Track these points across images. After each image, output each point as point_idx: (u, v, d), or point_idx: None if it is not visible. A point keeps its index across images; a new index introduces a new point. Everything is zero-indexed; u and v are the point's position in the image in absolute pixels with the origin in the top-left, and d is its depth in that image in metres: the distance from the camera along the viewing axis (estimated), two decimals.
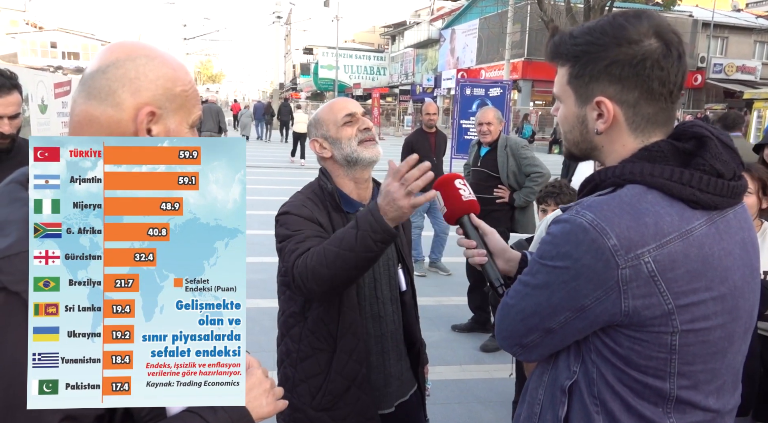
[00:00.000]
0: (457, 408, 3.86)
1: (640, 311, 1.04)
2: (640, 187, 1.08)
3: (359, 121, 1.93)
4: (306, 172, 15.36)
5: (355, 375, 1.87)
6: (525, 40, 30.65)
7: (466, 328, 5.28)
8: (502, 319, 1.24)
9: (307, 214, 1.84)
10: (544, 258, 1.13)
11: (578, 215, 1.08)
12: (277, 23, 45.59)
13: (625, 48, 1.10)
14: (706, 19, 31.93)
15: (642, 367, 1.08)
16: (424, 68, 45.78)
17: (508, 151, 5.00)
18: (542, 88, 31.92)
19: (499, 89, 11.85)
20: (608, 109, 1.14)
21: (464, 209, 1.49)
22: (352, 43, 59.95)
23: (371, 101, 36.08)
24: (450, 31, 40.10)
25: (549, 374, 1.24)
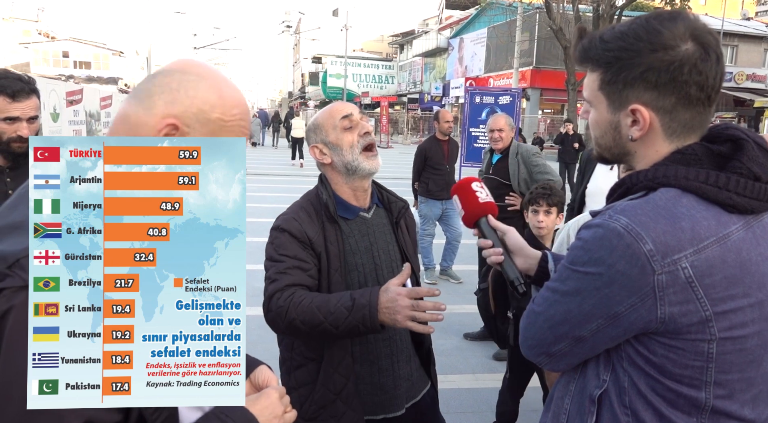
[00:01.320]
0: (471, 417, 3.83)
1: (676, 318, 1.01)
2: (675, 190, 1.05)
3: (358, 125, 1.91)
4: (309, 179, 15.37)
5: (340, 388, 1.85)
6: (533, 48, 30.69)
7: (478, 336, 5.25)
8: (528, 326, 1.21)
9: (296, 230, 1.84)
10: (575, 264, 1.10)
11: (612, 220, 1.05)
12: (286, 32, 45.89)
13: (661, 54, 1.06)
14: (716, 28, 31.77)
15: (677, 375, 1.05)
16: (432, 77, 45.88)
17: (519, 159, 4.98)
18: (551, 97, 31.92)
19: (508, 97, 11.85)
20: (644, 118, 1.10)
21: (482, 211, 1.50)
22: (361, 52, 60.19)
23: (380, 109, 36.19)
24: (458, 40, 40.18)
25: (576, 383, 1.20)
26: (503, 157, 5.10)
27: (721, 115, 27.62)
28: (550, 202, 3.17)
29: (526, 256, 1.46)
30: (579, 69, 1.23)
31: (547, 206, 3.17)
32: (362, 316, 1.58)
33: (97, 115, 20.03)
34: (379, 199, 2.04)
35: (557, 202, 3.20)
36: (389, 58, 58.84)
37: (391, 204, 2.05)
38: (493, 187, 5.11)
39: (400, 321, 1.54)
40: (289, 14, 49.55)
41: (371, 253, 1.95)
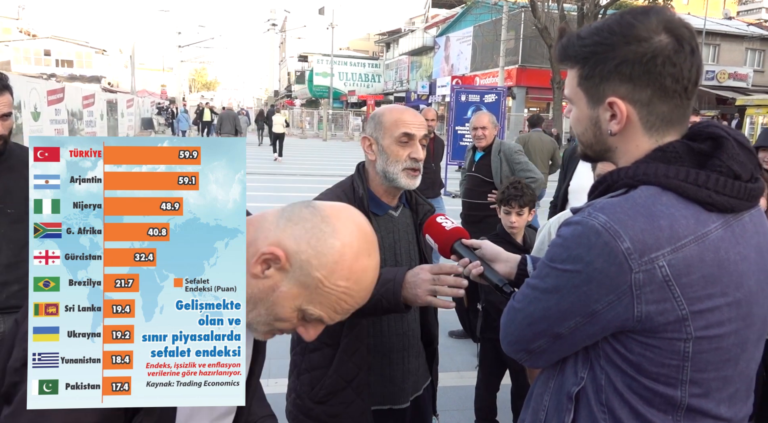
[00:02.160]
0: (456, 414, 3.84)
1: (653, 317, 1.01)
2: (655, 188, 1.05)
3: (414, 146, 1.92)
4: (290, 178, 15.36)
5: (352, 377, 1.89)
6: (519, 47, 30.83)
7: (462, 334, 5.25)
8: (509, 323, 1.20)
9: None
10: (554, 261, 1.10)
11: (591, 217, 1.04)
12: (272, 31, 45.69)
13: (635, 46, 1.06)
14: (698, 27, 32.14)
15: (653, 374, 1.05)
16: (418, 75, 45.92)
17: (502, 156, 4.98)
18: (536, 95, 32.08)
19: (494, 96, 11.91)
20: (621, 110, 1.10)
21: (452, 237, 1.55)
22: (347, 51, 60.09)
23: (366, 108, 36.17)
24: (444, 39, 40.26)
25: (555, 380, 1.20)
26: (486, 155, 5.10)
27: (705, 114, 27.95)
28: (522, 204, 3.23)
29: (505, 261, 1.48)
30: (561, 68, 1.24)
31: (518, 208, 3.23)
32: (386, 290, 1.59)
33: (80, 114, 19.79)
34: (407, 200, 2.10)
35: (528, 201, 3.25)
36: (376, 56, 58.82)
37: (418, 206, 2.11)
38: (476, 184, 5.12)
39: (420, 295, 1.55)
40: (275, 12, 49.43)
41: (394, 250, 2.01)
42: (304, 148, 27.03)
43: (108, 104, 24.26)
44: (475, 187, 5.11)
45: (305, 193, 12.49)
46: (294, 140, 33.44)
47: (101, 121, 22.40)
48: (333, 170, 17.48)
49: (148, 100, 38.32)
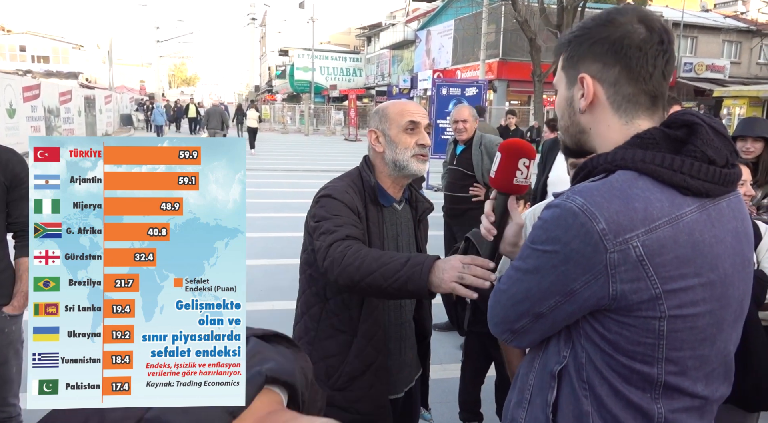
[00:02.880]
0: (439, 407, 3.87)
1: (627, 295, 1.05)
2: (631, 173, 1.09)
3: (420, 134, 1.99)
4: (267, 173, 15.29)
5: (372, 361, 1.94)
6: (500, 40, 30.89)
7: (445, 326, 5.25)
8: (494, 304, 1.25)
9: (348, 201, 1.91)
10: (534, 243, 1.14)
11: (568, 200, 1.08)
12: (251, 25, 45.30)
13: (609, 28, 1.14)
14: (676, 19, 32.53)
15: (630, 352, 1.09)
16: (400, 69, 45.87)
17: (483, 149, 4.97)
18: (517, 88, 32.21)
19: (475, 89, 11.95)
20: (588, 85, 1.16)
21: (509, 189, 1.50)
22: (328, 45, 59.80)
23: (348, 102, 36.06)
24: (425, 32, 40.22)
25: (540, 360, 1.25)
26: (467, 148, 5.09)
27: (684, 105, 28.29)
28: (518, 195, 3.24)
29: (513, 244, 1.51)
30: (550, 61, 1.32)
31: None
32: (413, 273, 1.60)
33: (57, 110, 19.49)
34: (409, 196, 2.15)
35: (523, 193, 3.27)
36: (357, 50, 58.60)
37: (418, 203, 2.17)
38: (457, 178, 5.11)
39: (446, 280, 1.57)
40: (255, 6, 49.04)
41: (396, 242, 2.06)
42: (286, 144, 26.91)
43: (86, 100, 23.91)
44: (456, 180, 5.11)
45: (287, 188, 12.44)
46: (275, 135, 33.27)
47: (79, 118, 22.07)
48: (316, 165, 17.43)
49: (126, 97, 37.86)
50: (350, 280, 1.67)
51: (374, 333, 1.92)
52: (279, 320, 4.96)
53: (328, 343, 1.95)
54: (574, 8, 22.00)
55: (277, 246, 7.60)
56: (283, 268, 6.54)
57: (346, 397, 1.93)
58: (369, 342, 1.92)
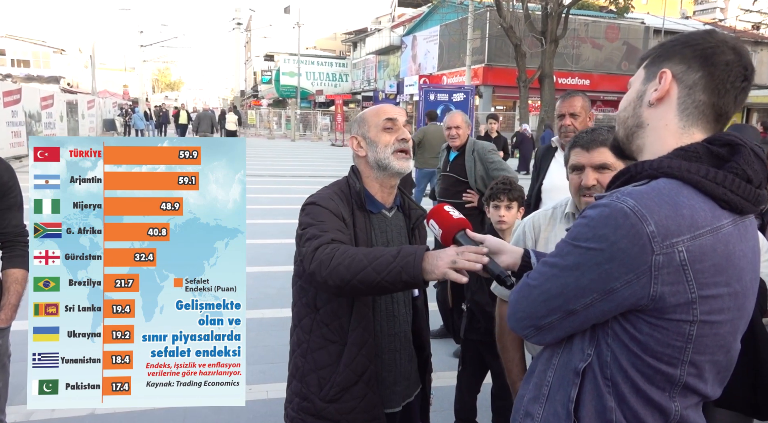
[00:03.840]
0: (434, 416, 3.82)
1: (666, 297, 1.10)
2: (676, 182, 1.14)
3: (399, 130, 2.01)
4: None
5: (363, 370, 1.91)
6: (485, 46, 31.10)
7: (438, 334, 5.22)
8: (520, 299, 1.28)
9: (333, 208, 1.89)
10: (578, 239, 1.17)
11: (619, 201, 1.12)
12: (237, 30, 45.18)
13: (707, 39, 1.21)
14: (657, 26, 32.97)
15: (658, 353, 1.14)
16: (386, 75, 45.95)
17: (476, 156, 4.99)
18: (503, 94, 32.41)
19: (462, 94, 12.03)
20: (666, 79, 1.22)
21: (457, 225, 1.61)
22: (314, 50, 59.76)
23: (334, 108, 36.07)
24: (411, 38, 40.36)
25: (560, 357, 1.29)
26: (460, 155, 5.10)
27: None
28: (511, 197, 3.23)
29: (510, 252, 1.56)
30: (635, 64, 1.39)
31: (507, 201, 3.22)
32: (406, 262, 1.61)
33: (38, 115, 19.21)
34: (401, 204, 2.14)
35: (517, 196, 3.26)
36: (343, 56, 58.63)
37: (411, 210, 2.15)
38: (450, 184, 5.12)
39: (440, 266, 1.57)
40: (240, 11, 48.94)
41: None
42: (272, 149, 26.82)
43: (68, 105, 23.63)
44: (450, 186, 5.12)
45: (275, 194, 12.39)
46: (262, 141, 33.13)
47: (61, 123, 21.81)
48: (303, 171, 17.38)
49: (110, 101, 37.53)
50: (341, 279, 1.66)
51: (365, 341, 1.91)
52: (268, 328, 4.94)
53: (320, 353, 1.92)
54: (558, 15, 22.21)
55: (265, 253, 7.55)
56: (272, 275, 6.49)
57: (338, 409, 1.91)
58: (360, 350, 1.90)
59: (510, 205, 3.22)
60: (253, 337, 4.66)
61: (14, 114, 16.68)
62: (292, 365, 2.05)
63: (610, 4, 24.17)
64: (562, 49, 26.72)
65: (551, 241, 2.08)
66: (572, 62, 32.91)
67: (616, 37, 33.90)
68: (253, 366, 4.19)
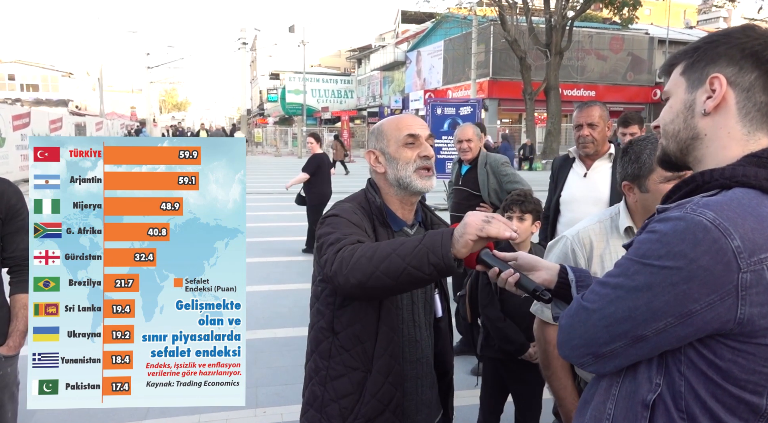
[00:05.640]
0: None
1: (755, 320, 0.98)
2: (755, 191, 1.04)
3: (422, 146, 1.88)
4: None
5: (390, 398, 1.80)
6: (490, 60, 31.24)
7: (456, 350, 5.14)
8: (576, 325, 1.16)
9: (356, 220, 1.78)
10: (647, 257, 1.05)
11: (696, 213, 1.01)
12: (242, 49, 45.61)
13: (751, 36, 1.11)
14: (662, 37, 33.05)
15: (742, 381, 1.02)
16: (391, 90, 46.22)
17: (488, 169, 4.87)
18: (509, 107, 32.50)
19: (469, 108, 12.04)
20: (721, 84, 1.11)
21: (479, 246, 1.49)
22: (319, 68, 60.26)
23: (340, 124, 36.28)
24: (416, 53, 40.62)
25: (621, 387, 1.16)
26: (472, 168, 4.99)
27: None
28: (524, 209, 3.17)
29: (546, 268, 1.45)
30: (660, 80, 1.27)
31: (520, 213, 3.16)
32: (433, 242, 1.50)
33: None
34: (423, 220, 2.03)
35: (532, 209, 3.18)
36: (347, 72, 59.06)
37: (434, 225, 2.04)
38: (463, 198, 5.04)
39: (470, 232, 1.46)
40: (245, 31, 49.41)
41: None
42: (279, 166, 26.94)
43: (76, 127, 23.94)
44: (462, 200, 5.04)
45: (284, 212, 12.41)
46: (268, 158, 33.33)
47: None
48: None
49: (117, 123, 37.96)
50: (362, 273, 1.54)
51: (391, 368, 1.78)
52: (281, 348, 4.89)
53: (341, 382, 1.79)
54: (562, 27, 22.33)
55: (275, 271, 7.55)
56: (283, 293, 6.48)
57: None
58: (386, 378, 1.78)
59: (523, 216, 3.17)
60: (266, 358, 4.62)
61: (23, 137, 16.90)
62: (308, 393, 1.87)
63: (614, 16, 24.31)
64: (566, 61, 26.80)
65: (606, 260, 1.95)
66: (577, 74, 32.99)
67: (620, 48, 33.97)
68: (266, 387, 4.14)
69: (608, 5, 22.75)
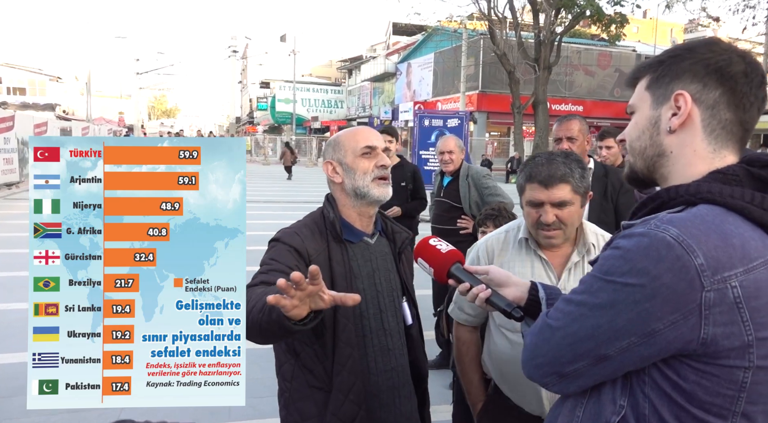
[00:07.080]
0: None
1: (718, 340, 0.96)
2: (719, 208, 1.01)
3: (378, 155, 1.91)
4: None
5: (353, 417, 1.76)
6: (479, 73, 31.52)
7: (433, 364, 5.05)
8: (540, 343, 1.13)
9: (297, 244, 1.79)
10: (610, 274, 1.03)
11: (659, 230, 0.99)
12: (233, 57, 45.68)
13: (715, 51, 1.09)
14: (649, 54, 33.54)
15: (706, 404, 0.99)
16: (381, 101, 46.42)
17: (470, 181, 4.86)
18: (497, 120, 32.75)
19: (456, 120, 12.13)
20: (686, 102, 1.09)
21: (449, 260, 1.51)
22: (309, 77, 60.42)
23: (329, 134, 36.35)
24: (406, 65, 40.87)
25: (585, 408, 1.13)
26: (454, 180, 4.95)
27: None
28: (498, 224, 3.17)
29: (516, 284, 1.43)
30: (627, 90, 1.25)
31: (494, 227, 3.18)
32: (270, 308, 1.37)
33: None
34: (383, 229, 2.04)
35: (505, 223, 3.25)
36: (338, 82, 59.30)
37: (395, 234, 2.05)
38: (444, 210, 5.02)
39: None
40: (236, 39, 49.59)
41: (373, 279, 1.91)
42: (267, 175, 26.90)
43: (62, 132, 23.78)
44: (443, 212, 5.03)
45: (270, 220, 12.39)
46: (257, 167, 33.25)
47: None
48: (298, 196, 17.41)
49: (105, 128, 37.73)
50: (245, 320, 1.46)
51: (351, 384, 1.74)
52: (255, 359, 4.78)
53: (304, 403, 1.78)
54: (551, 42, 22.58)
55: None
56: None
57: None
58: (346, 396, 1.74)
59: None
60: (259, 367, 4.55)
61: (7, 141, 16.75)
62: (281, 417, 1.86)
63: (602, 33, 24.62)
64: (555, 76, 27.08)
65: (506, 268, 1.93)
66: (565, 89, 33.34)
67: (608, 64, 34.40)
68: None
69: (596, 22, 23.02)
